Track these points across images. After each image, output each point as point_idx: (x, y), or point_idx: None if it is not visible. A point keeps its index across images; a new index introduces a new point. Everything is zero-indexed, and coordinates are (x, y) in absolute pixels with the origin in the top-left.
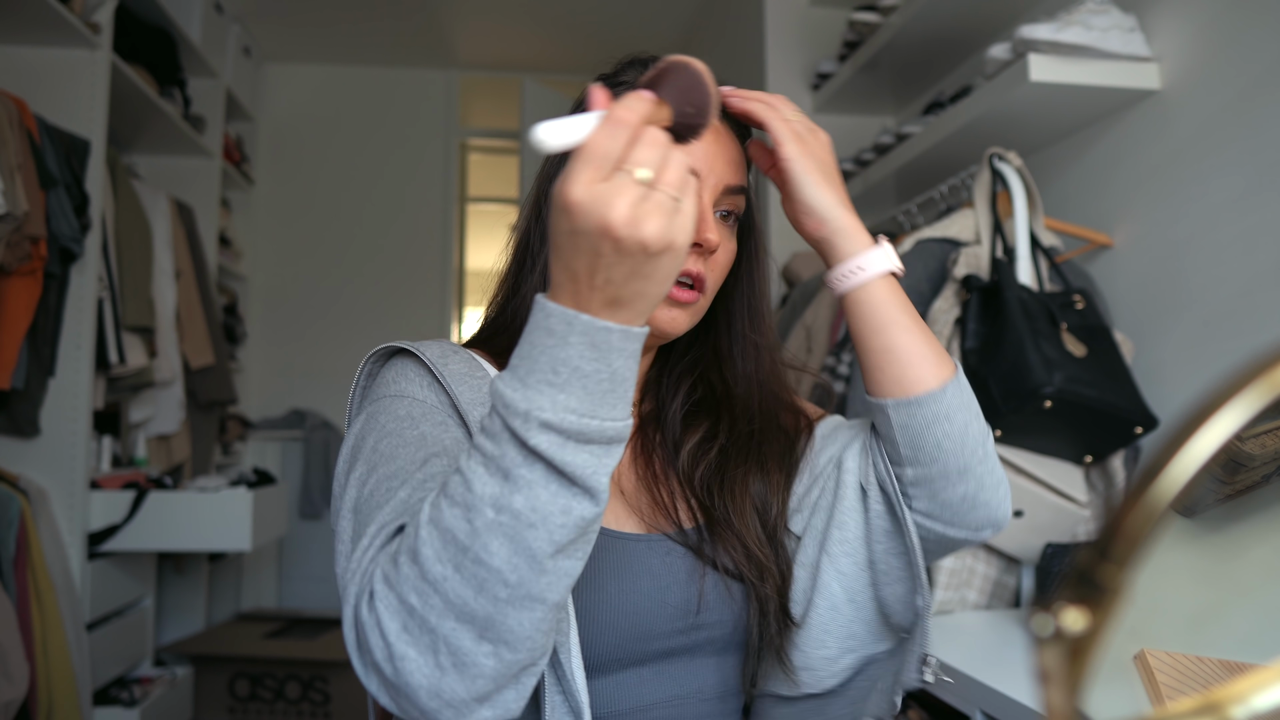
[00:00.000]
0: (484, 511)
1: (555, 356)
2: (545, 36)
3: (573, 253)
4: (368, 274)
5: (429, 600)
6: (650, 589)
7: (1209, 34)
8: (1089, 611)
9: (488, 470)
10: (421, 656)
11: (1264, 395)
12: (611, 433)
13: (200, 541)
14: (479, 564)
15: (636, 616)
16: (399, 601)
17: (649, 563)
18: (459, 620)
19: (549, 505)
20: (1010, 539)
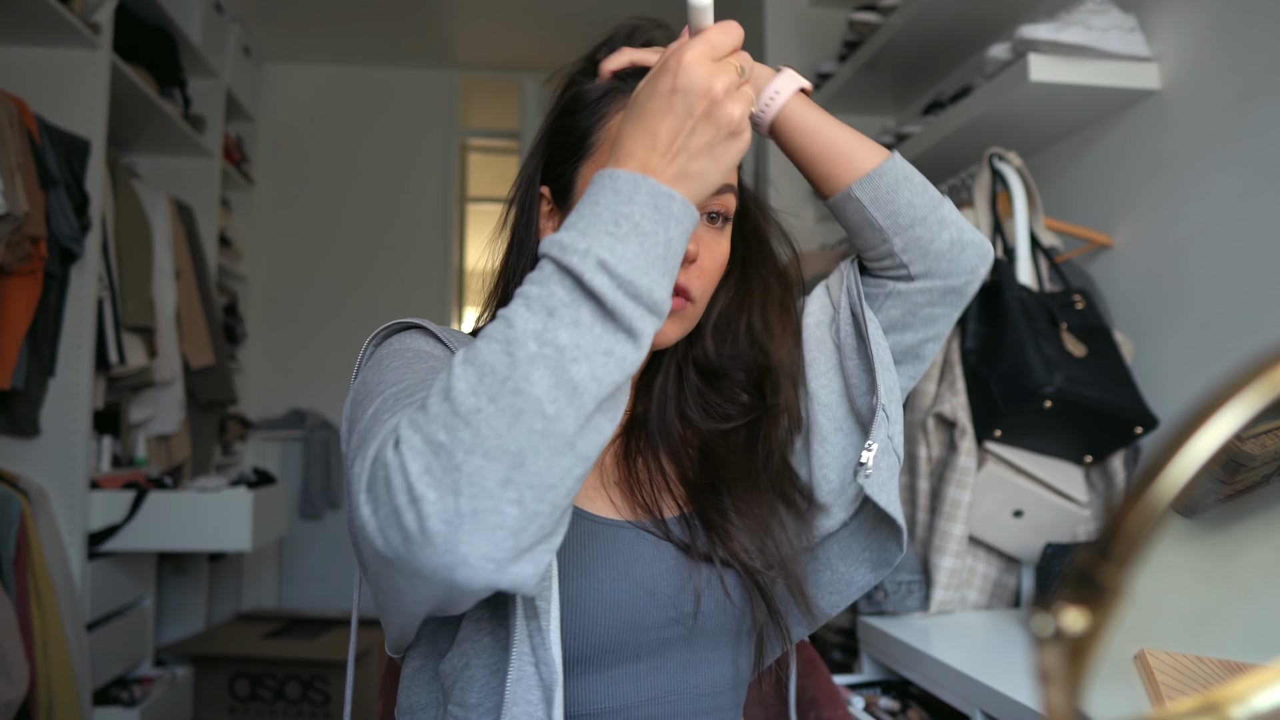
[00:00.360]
0: (526, 345)
1: (618, 211)
2: (545, 36)
3: (663, 112)
4: (368, 274)
5: (458, 434)
6: (643, 576)
7: (1209, 34)
8: (1089, 611)
9: (529, 309)
10: (441, 499)
11: (1264, 395)
12: (658, 298)
13: (200, 541)
14: (517, 393)
15: (630, 607)
16: (424, 441)
17: (639, 550)
18: (487, 457)
19: (594, 344)
20: (1010, 539)
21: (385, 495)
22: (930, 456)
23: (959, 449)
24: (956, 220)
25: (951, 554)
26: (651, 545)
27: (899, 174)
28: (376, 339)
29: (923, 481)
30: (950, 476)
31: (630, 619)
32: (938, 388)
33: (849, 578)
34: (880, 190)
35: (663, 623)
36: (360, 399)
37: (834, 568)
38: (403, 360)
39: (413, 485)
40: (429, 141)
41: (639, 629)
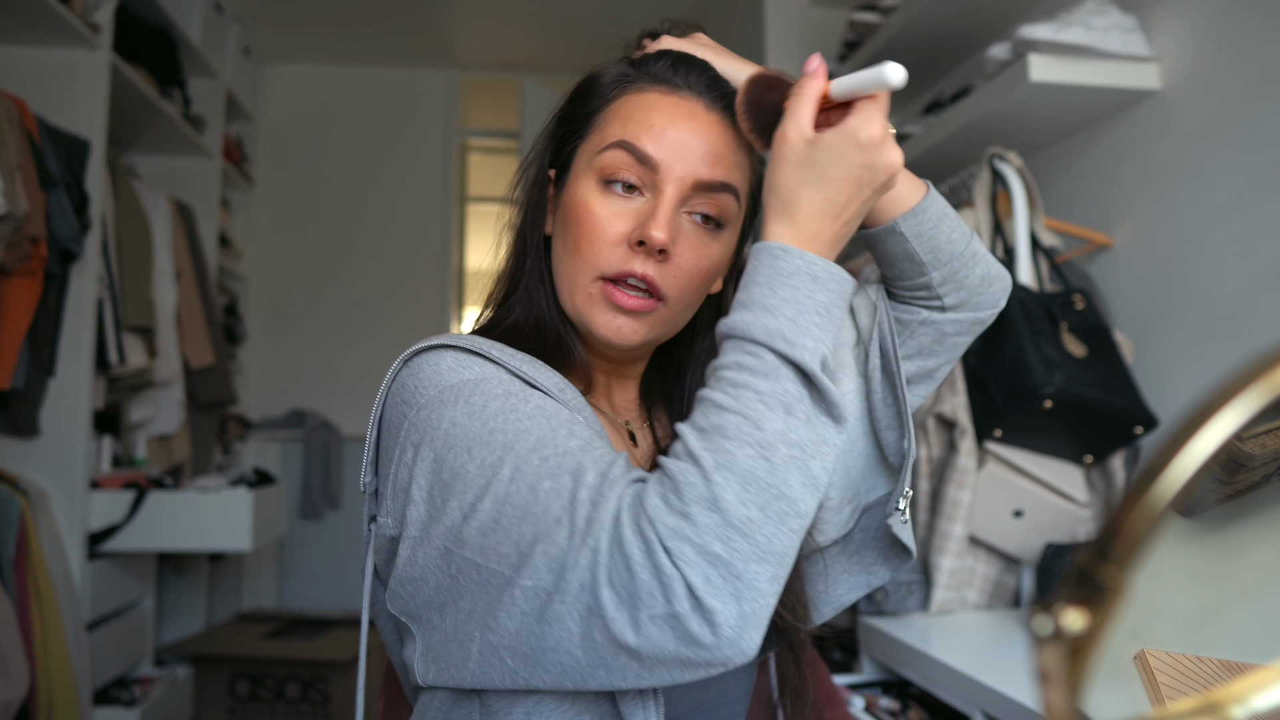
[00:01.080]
0: (778, 448)
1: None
2: (545, 36)
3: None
4: (368, 274)
5: (735, 546)
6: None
7: (1209, 34)
8: (1089, 611)
9: (768, 407)
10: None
11: (1264, 395)
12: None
13: (200, 541)
14: (782, 499)
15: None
16: (699, 553)
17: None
18: (761, 562)
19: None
20: (1010, 539)
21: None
22: (930, 456)
23: (959, 449)
24: (985, 255)
25: (951, 554)
26: None
27: (939, 208)
28: (403, 366)
29: (923, 481)
30: (950, 476)
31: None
32: (938, 388)
33: (830, 594)
34: (924, 225)
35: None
36: (458, 446)
37: (814, 584)
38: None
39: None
40: (429, 141)
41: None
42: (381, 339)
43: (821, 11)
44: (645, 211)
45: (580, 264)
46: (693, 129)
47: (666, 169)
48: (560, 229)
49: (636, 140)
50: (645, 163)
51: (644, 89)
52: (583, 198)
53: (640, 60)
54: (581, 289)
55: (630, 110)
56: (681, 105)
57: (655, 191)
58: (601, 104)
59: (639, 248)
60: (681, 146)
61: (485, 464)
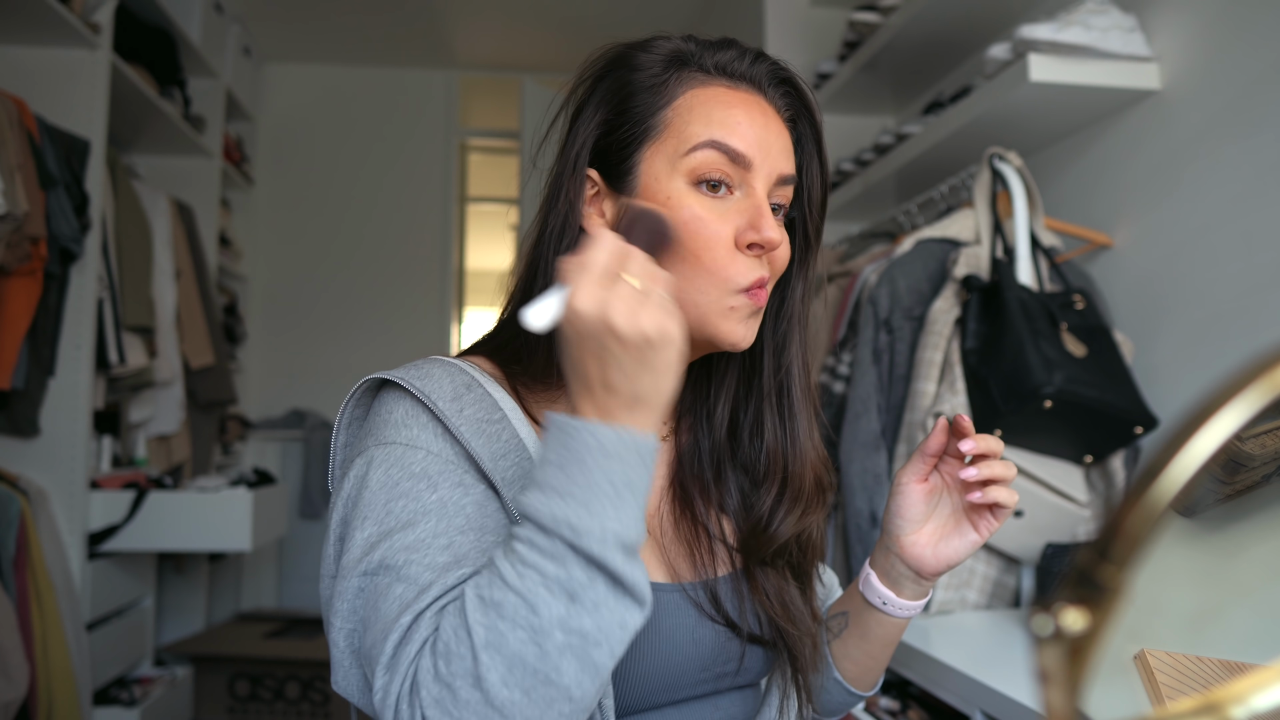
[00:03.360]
0: (553, 635)
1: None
2: (545, 36)
3: (582, 356)
4: (368, 274)
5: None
6: (685, 642)
7: (1209, 34)
8: (1089, 611)
9: (550, 592)
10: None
11: (1264, 395)
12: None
13: (200, 541)
14: (549, 684)
15: (671, 672)
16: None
17: (685, 619)
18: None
19: (612, 620)
20: (1010, 539)
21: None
22: None
23: None
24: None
25: None
26: (695, 611)
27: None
28: (361, 395)
29: None
30: None
31: (670, 680)
32: (938, 388)
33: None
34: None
35: (701, 680)
36: (358, 510)
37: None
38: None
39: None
40: (429, 141)
41: (676, 687)
42: (381, 339)
43: (821, 11)
44: (742, 209)
45: (707, 276)
46: (768, 124)
47: (757, 166)
48: None
49: (726, 138)
50: (738, 161)
51: (706, 83)
52: (679, 199)
53: (689, 48)
54: (716, 304)
55: (708, 108)
56: (753, 101)
57: (746, 189)
58: (660, 101)
59: (749, 250)
60: (765, 143)
61: (368, 540)
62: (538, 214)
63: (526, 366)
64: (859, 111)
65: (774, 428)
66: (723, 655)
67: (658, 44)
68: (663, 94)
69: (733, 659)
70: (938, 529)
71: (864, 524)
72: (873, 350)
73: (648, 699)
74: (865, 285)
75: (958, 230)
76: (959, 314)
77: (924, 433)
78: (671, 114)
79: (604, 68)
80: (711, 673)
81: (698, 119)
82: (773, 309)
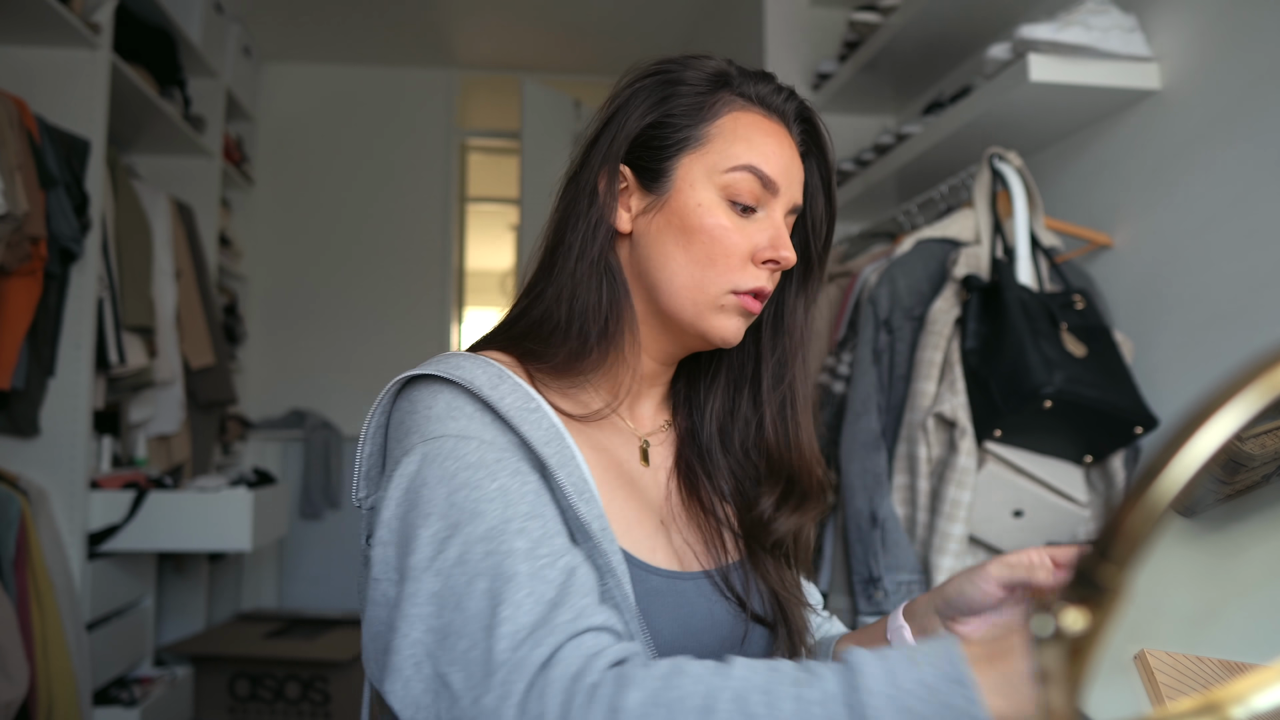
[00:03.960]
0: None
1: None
2: (545, 36)
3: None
4: (368, 274)
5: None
6: (706, 627)
7: (1209, 34)
8: (1089, 611)
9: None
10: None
11: (1264, 395)
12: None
13: (200, 541)
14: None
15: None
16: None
17: (698, 606)
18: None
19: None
20: (1010, 539)
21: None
22: (930, 456)
23: (959, 449)
24: None
25: (951, 554)
26: (709, 598)
27: None
28: (398, 389)
29: (923, 481)
30: (950, 476)
31: None
32: (938, 388)
33: None
34: None
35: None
36: (418, 507)
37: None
38: (468, 471)
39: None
40: (429, 141)
41: None
42: (381, 339)
43: (821, 11)
44: (764, 229)
45: (714, 276)
46: (792, 157)
47: (781, 192)
48: (675, 235)
49: (764, 166)
50: (768, 186)
51: (747, 109)
52: (710, 211)
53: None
54: (711, 299)
55: (748, 133)
56: (779, 133)
57: (769, 211)
58: (709, 116)
59: (764, 265)
60: (789, 174)
61: (436, 537)
62: (559, 201)
63: (546, 359)
64: (859, 111)
65: (778, 434)
66: (732, 638)
67: (704, 62)
68: (708, 109)
69: (738, 641)
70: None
71: (864, 524)
72: (873, 350)
73: None
74: (865, 285)
75: (958, 230)
76: (959, 314)
77: (924, 432)
78: (714, 130)
79: (649, 74)
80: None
81: (740, 141)
82: (769, 320)
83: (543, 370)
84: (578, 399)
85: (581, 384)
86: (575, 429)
